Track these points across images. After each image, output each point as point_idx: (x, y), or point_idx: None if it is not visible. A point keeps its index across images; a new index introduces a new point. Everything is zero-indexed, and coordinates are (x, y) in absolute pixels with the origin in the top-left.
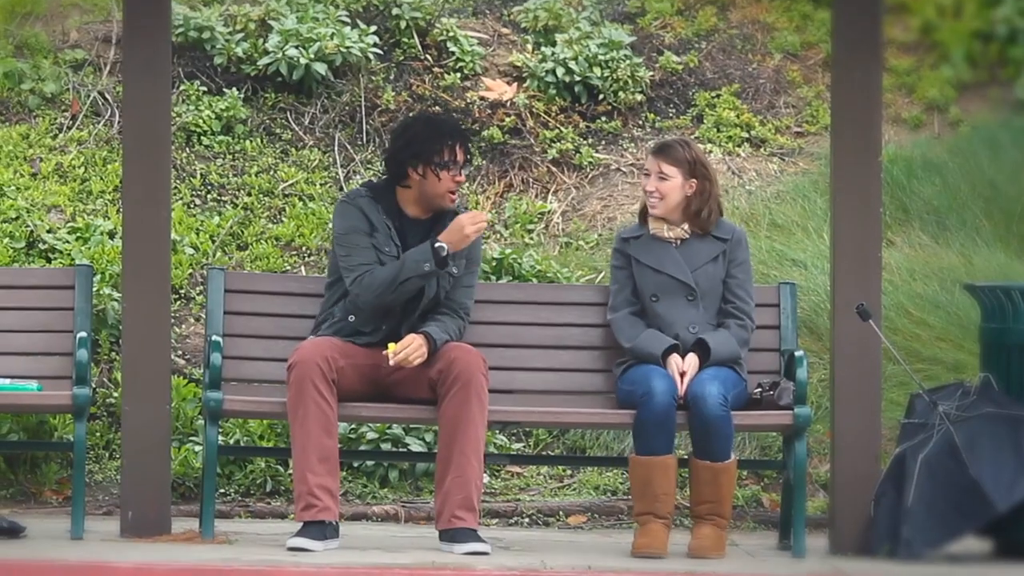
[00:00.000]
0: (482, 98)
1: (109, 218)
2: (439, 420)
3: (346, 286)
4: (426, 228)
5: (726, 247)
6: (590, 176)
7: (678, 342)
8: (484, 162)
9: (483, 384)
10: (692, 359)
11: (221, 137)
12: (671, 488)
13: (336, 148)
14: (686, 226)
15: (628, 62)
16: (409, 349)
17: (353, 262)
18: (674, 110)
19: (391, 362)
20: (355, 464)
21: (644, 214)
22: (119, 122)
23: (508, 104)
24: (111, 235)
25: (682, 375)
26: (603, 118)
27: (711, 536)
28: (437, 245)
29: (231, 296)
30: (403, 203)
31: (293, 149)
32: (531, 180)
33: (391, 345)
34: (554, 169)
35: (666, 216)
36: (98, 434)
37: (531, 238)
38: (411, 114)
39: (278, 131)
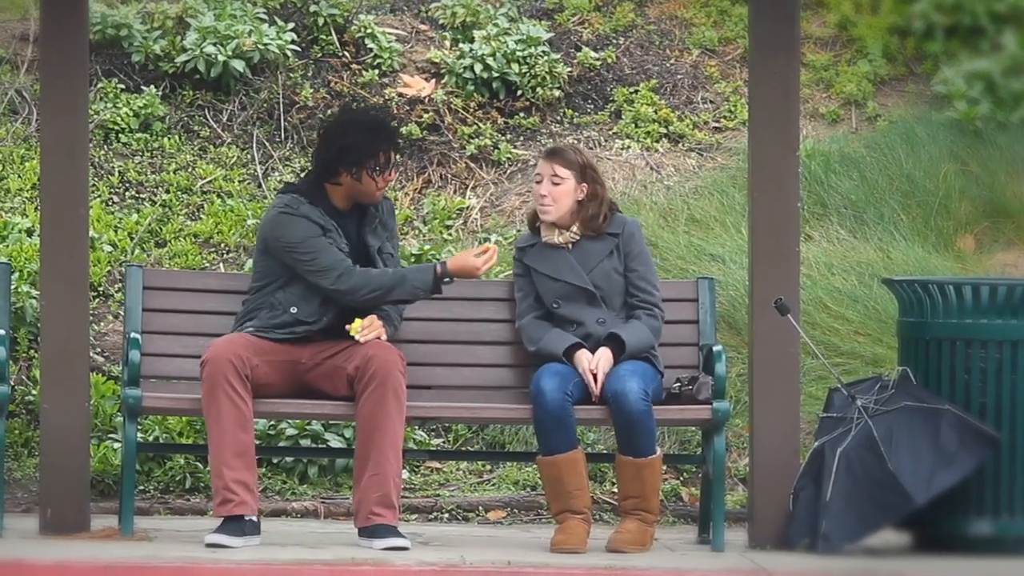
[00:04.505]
0: (400, 94)
1: (27, 216)
2: (357, 418)
3: (324, 286)
4: (356, 220)
5: (618, 241)
6: (508, 172)
7: (582, 341)
8: (403, 158)
9: (401, 381)
10: (604, 352)
11: (139, 135)
12: (583, 483)
13: (254, 145)
14: (576, 228)
15: (546, 58)
16: (375, 324)
17: (324, 262)
18: (592, 106)
19: (361, 340)
20: (274, 460)
21: (533, 222)
22: (36, 120)
23: (426, 100)
24: (29, 233)
25: (595, 375)
26: (521, 114)
27: (634, 530)
28: (446, 280)
29: (149, 293)
30: (333, 199)
31: (211, 146)
32: (449, 176)
33: (357, 320)
34: (472, 165)
35: (557, 222)
36: (17, 432)
37: (449, 234)
38: (344, 115)
39: (196, 128)
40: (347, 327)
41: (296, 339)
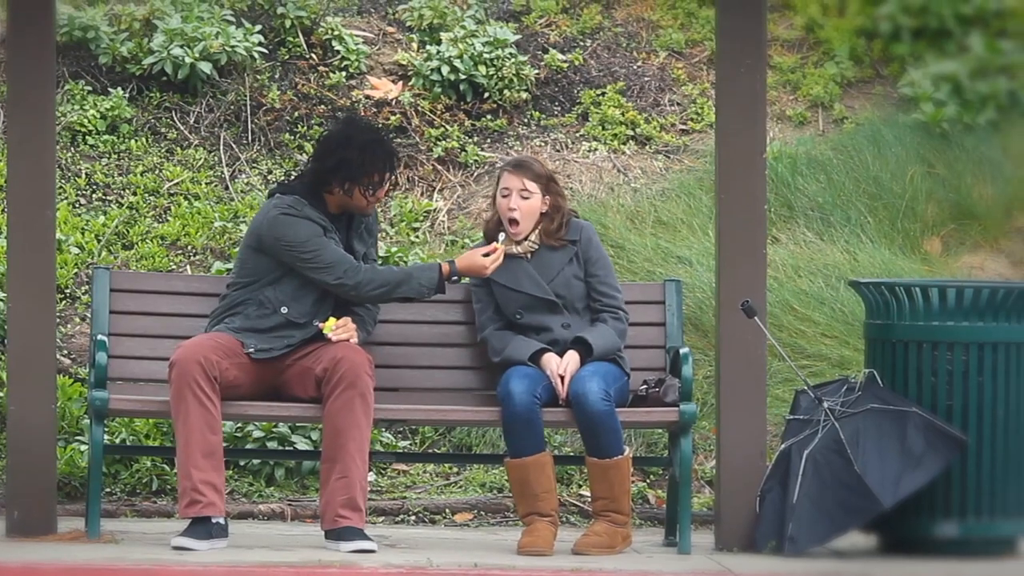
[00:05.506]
0: (367, 97)
1: None
2: (324, 420)
3: (328, 281)
4: (344, 224)
5: (577, 248)
6: (475, 174)
7: (547, 346)
8: (397, 178)
9: (368, 384)
10: (571, 355)
11: (106, 137)
12: (550, 485)
13: (221, 147)
14: (533, 237)
15: (513, 60)
16: (349, 326)
17: (329, 258)
18: (559, 108)
19: (333, 339)
20: (241, 463)
21: (490, 231)
22: (3, 122)
23: (393, 102)
24: None
25: (562, 377)
26: (488, 116)
27: (601, 533)
28: (455, 278)
29: (116, 295)
30: (327, 204)
31: (178, 148)
32: (417, 178)
33: (331, 319)
34: (440, 167)
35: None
36: None
37: (417, 236)
38: (345, 129)
39: (163, 130)
40: (319, 325)
41: (278, 357)
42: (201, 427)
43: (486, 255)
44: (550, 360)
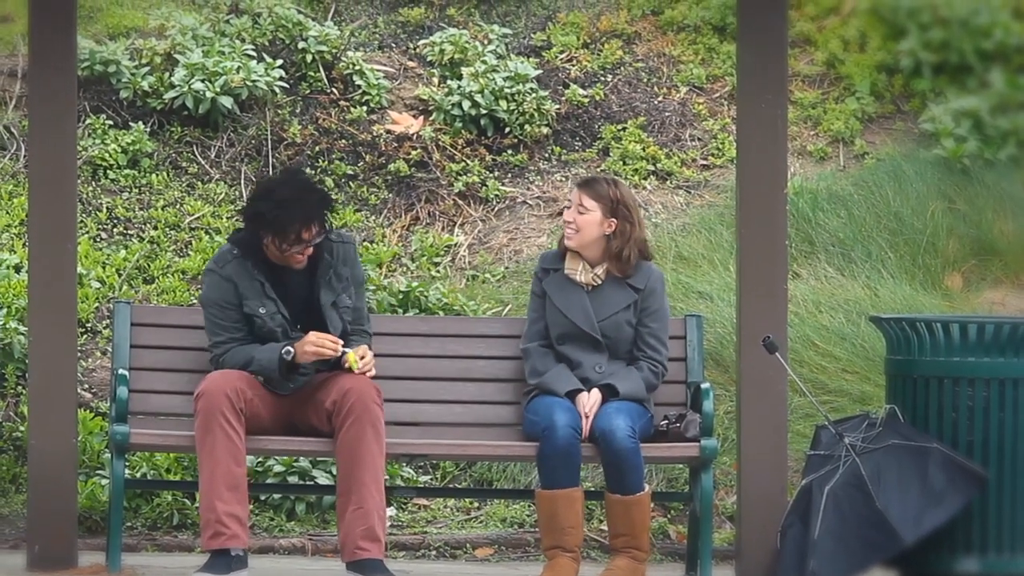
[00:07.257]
0: (388, 131)
1: (15, 252)
2: (336, 452)
3: (208, 347)
4: (306, 273)
5: (639, 297)
6: (496, 209)
7: (583, 387)
8: (390, 195)
9: (378, 414)
10: (595, 394)
11: (127, 171)
12: (578, 521)
13: (242, 182)
14: (601, 270)
15: (534, 95)
16: (369, 358)
17: (214, 330)
18: (580, 143)
19: (367, 373)
20: (262, 497)
21: (563, 242)
22: (25, 156)
23: (414, 137)
24: (17, 269)
25: (586, 416)
26: (509, 151)
27: (624, 568)
28: (284, 351)
29: (137, 330)
30: (269, 253)
31: (199, 183)
32: (437, 213)
33: (351, 353)
34: (460, 202)
35: (582, 250)
36: (4, 468)
37: (437, 271)
38: (267, 182)
39: (184, 165)
40: (343, 360)
41: (291, 391)
42: (227, 459)
43: (321, 338)
44: (580, 401)
